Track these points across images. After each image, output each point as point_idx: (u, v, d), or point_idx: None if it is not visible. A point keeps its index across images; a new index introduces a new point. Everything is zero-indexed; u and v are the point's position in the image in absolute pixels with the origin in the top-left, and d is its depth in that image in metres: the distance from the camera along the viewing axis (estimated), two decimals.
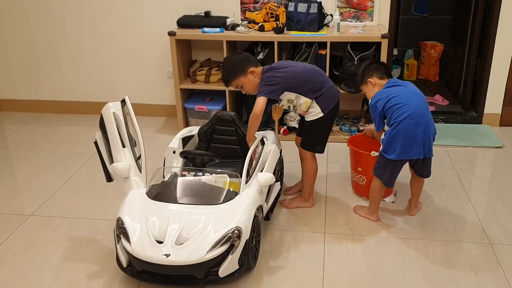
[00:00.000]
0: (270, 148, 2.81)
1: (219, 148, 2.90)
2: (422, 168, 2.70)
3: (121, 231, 2.22)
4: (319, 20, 3.62)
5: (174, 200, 2.39)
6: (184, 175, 2.56)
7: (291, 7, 3.64)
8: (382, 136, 2.61)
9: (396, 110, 2.52)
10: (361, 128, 2.87)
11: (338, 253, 2.49)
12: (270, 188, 2.65)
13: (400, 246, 2.54)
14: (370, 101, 2.69)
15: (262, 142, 2.86)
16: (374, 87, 2.70)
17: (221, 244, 2.12)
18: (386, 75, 2.72)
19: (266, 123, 3.90)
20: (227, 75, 2.68)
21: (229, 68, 2.67)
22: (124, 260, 2.22)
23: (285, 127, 3.88)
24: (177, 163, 2.84)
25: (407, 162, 2.69)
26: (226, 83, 2.71)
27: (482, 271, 2.34)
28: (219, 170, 2.55)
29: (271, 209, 2.75)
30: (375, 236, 2.62)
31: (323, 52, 3.60)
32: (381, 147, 2.61)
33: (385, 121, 2.62)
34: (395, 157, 2.54)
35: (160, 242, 2.14)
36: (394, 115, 2.52)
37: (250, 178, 2.49)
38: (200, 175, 2.53)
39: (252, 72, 2.64)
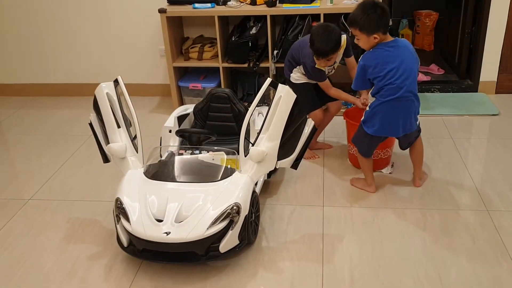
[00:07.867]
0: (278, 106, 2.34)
1: (215, 126, 2.89)
2: (406, 139, 2.70)
3: (120, 211, 2.22)
4: None
5: (172, 179, 2.39)
6: (181, 154, 2.56)
7: None
8: (367, 108, 2.59)
9: (385, 86, 2.45)
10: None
11: (337, 226, 2.51)
12: (296, 133, 2.41)
13: (398, 217, 2.56)
14: (362, 55, 2.53)
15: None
16: (376, 42, 2.51)
17: (221, 220, 2.13)
18: (388, 32, 2.53)
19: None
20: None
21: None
22: (124, 240, 2.23)
23: None
24: (173, 142, 2.84)
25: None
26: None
27: (480, 238, 2.37)
28: (216, 148, 2.55)
29: (300, 157, 2.45)
30: (373, 208, 2.64)
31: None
32: (363, 117, 2.61)
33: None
34: (372, 133, 2.57)
35: (160, 221, 2.15)
36: (381, 90, 2.47)
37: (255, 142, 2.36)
38: (197, 153, 2.53)
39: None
